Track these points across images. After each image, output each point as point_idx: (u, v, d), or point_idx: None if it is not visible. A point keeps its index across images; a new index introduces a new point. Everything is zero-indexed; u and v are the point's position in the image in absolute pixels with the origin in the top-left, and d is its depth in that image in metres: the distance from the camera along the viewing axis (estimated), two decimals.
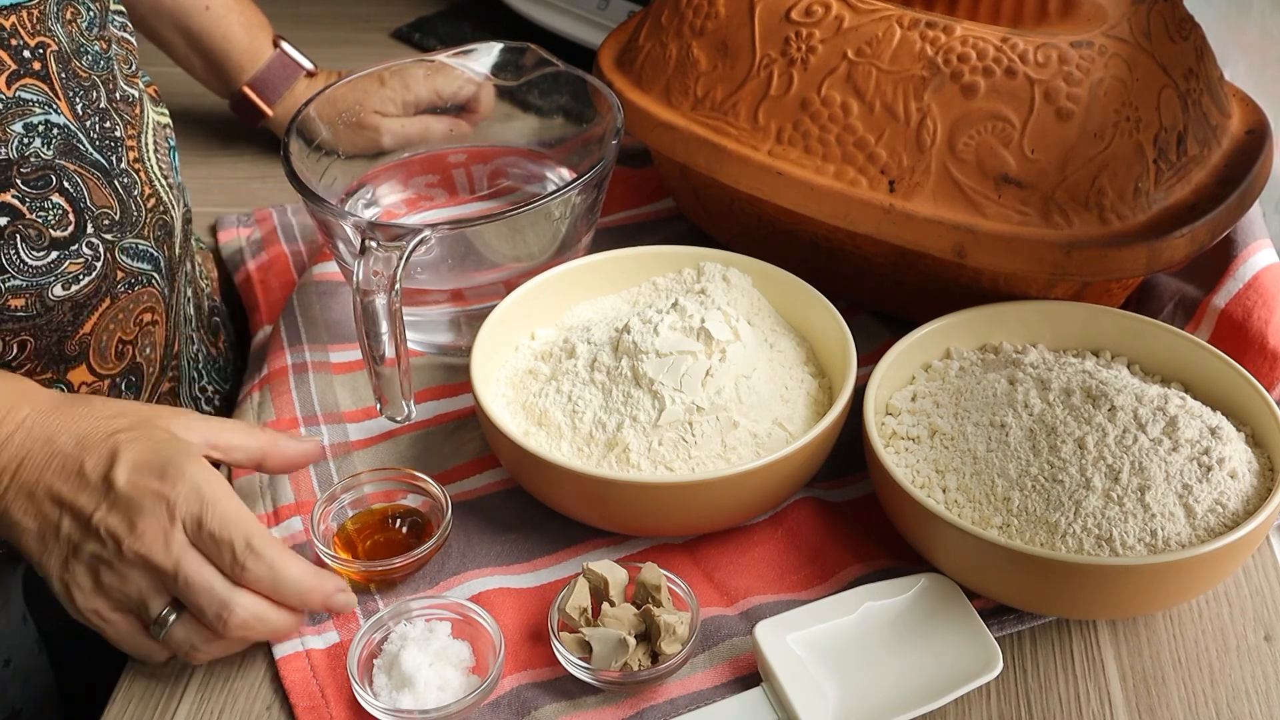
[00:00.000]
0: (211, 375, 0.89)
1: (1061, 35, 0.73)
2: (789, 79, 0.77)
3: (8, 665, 0.79)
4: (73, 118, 0.70)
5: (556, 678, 0.65)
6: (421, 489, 0.72)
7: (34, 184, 0.68)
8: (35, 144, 0.68)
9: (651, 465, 0.68)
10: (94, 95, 0.72)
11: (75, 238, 0.71)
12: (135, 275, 0.75)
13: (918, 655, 0.63)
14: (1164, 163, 0.72)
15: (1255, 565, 0.70)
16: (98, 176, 0.72)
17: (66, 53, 0.70)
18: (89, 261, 0.71)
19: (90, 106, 0.72)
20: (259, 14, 1.03)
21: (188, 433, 0.65)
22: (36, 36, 0.68)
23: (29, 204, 0.68)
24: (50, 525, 0.62)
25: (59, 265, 0.70)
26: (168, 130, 0.80)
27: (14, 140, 0.67)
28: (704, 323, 0.70)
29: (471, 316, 0.81)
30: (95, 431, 0.64)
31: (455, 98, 0.93)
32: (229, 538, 0.61)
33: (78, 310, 0.72)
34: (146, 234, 0.76)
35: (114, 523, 0.61)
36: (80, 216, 0.71)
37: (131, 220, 0.74)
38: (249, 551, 0.61)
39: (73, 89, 0.71)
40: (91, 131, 0.72)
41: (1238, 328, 0.75)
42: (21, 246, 0.68)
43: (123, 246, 0.74)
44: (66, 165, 0.70)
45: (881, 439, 0.68)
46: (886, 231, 0.74)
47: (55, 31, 0.70)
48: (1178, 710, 0.63)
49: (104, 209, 0.72)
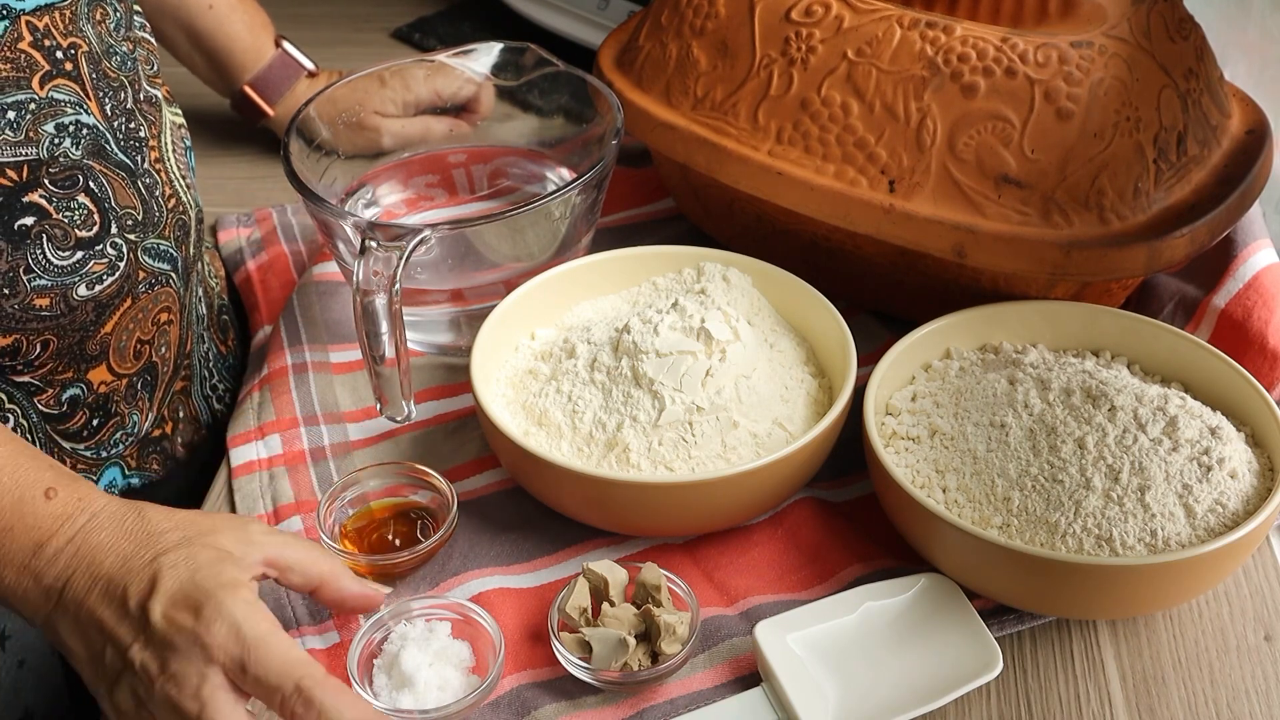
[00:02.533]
0: (222, 373, 0.90)
1: (1061, 35, 0.73)
2: (789, 79, 0.77)
3: (21, 665, 0.80)
4: (102, 118, 0.71)
5: (556, 678, 0.65)
6: (428, 484, 0.72)
7: (61, 184, 0.69)
8: (65, 144, 0.68)
9: (651, 465, 0.68)
10: (121, 96, 0.73)
11: (100, 238, 0.71)
12: (155, 275, 0.76)
13: (918, 655, 0.63)
14: (1164, 163, 0.72)
15: (1255, 565, 0.70)
16: (123, 177, 0.72)
17: (97, 53, 0.71)
18: (112, 261, 0.72)
19: (118, 107, 0.72)
20: (262, 13, 1.03)
21: (247, 548, 0.61)
22: (69, 37, 0.69)
23: (56, 204, 0.69)
24: (96, 652, 0.59)
25: (84, 265, 0.71)
26: (183, 130, 0.81)
27: (45, 140, 0.67)
28: (704, 323, 0.70)
29: (471, 316, 0.81)
30: (140, 554, 0.60)
31: (455, 98, 0.93)
32: (276, 684, 0.57)
33: (100, 310, 0.72)
34: (167, 234, 0.76)
35: (147, 660, 0.58)
36: (105, 217, 0.71)
37: (153, 220, 0.75)
38: (298, 696, 0.57)
39: (103, 89, 0.71)
40: (118, 132, 0.72)
41: (1238, 328, 0.75)
42: (48, 246, 0.69)
43: (144, 247, 0.74)
44: (93, 166, 0.70)
45: (881, 439, 0.68)
46: (886, 231, 0.74)
47: (86, 32, 0.70)
48: (1178, 710, 0.63)
49: (128, 209, 0.73)
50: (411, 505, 0.72)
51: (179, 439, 0.84)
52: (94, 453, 0.77)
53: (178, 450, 0.84)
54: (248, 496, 0.75)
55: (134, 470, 0.80)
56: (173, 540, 0.60)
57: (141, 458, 0.81)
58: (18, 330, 0.70)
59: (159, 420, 0.81)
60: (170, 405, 0.82)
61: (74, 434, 0.76)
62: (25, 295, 0.69)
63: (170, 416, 0.82)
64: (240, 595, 0.58)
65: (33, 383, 0.72)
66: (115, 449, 0.78)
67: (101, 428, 0.77)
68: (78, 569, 0.60)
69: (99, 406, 0.76)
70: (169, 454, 0.83)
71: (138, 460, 0.80)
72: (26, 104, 0.67)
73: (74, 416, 0.75)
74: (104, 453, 0.78)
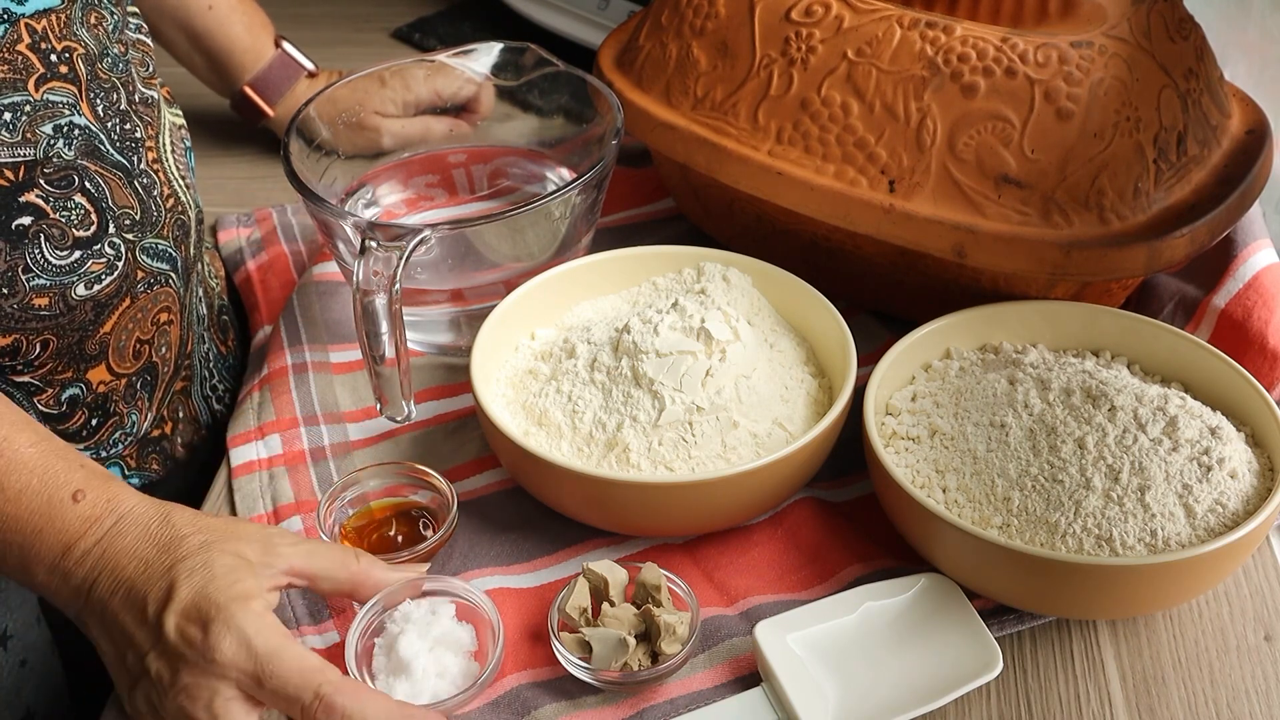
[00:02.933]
0: (222, 374, 0.90)
1: (1061, 35, 0.73)
2: (789, 79, 0.77)
3: (23, 665, 0.80)
4: (94, 119, 0.71)
5: (556, 678, 0.65)
6: (428, 484, 0.72)
7: (57, 184, 0.69)
8: (59, 145, 0.69)
9: (651, 465, 0.68)
10: (114, 97, 0.73)
11: (98, 237, 0.71)
12: (154, 275, 0.76)
13: (918, 655, 0.63)
14: (1164, 163, 0.72)
15: (1255, 565, 0.70)
16: (119, 177, 0.72)
17: (92, 55, 0.71)
18: (111, 261, 0.72)
19: (111, 108, 0.72)
20: (261, 14, 1.03)
21: (270, 558, 0.61)
22: (64, 41, 0.69)
23: (52, 203, 0.69)
24: (120, 653, 0.60)
25: (82, 265, 0.71)
26: (183, 131, 0.81)
27: (42, 141, 0.68)
28: (704, 323, 0.70)
29: (471, 316, 0.81)
30: (160, 559, 0.60)
31: (455, 98, 0.93)
32: (295, 695, 0.57)
33: (99, 310, 0.72)
34: (166, 234, 0.76)
35: (162, 669, 0.58)
36: (102, 216, 0.71)
37: (151, 220, 0.75)
38: (319, 704, 0.57)
39: (94, 91, 0.71)
40: (112, 133, 0.72)
41: (1238, 328, 0.75)
42: (46, 246, 0.69)
43: (143, 246, 0.74)
44: (88, 166, 0.70)
45: (881, 439, 0.68)
46: (886, 231, 0.74)
47: (81, 36, 0.71)
48: (1178, 710, 0.63)
49: (125, 209, 0.73)
50: (411, 505, 0.72)
51: (179, 439, 0.84)
52: (93, 453, 0.77)
53: (177, 450, 0.84)
54: (247, 497, 0.75)
55: (133, 470, 0.80)
56: (193, 545, 0.61)
57: (141, 458, 0.81)
58: (17, 330, 0.70)
59: (159, 420, 0.81)
60: (170, 405, 0.82)
61: (73, 434, 0.76)
62: (24, 295, 0.69)
63: (170, 416, 0.82)
64: (251, 608, 0.58)
65: (32, 383, 0.72)
66: (115, 449, 0.79)
67: (101, 428, 0.77)
68: (103, 572, 0.61)
69: (98, 406, 0.76)
70: (168, 454, 0.83)
71: (137, 460, 0.80)
72: (22, 105, 0.67)
73: (73, 416, 0.75)
74: (103, 453, 0.78)
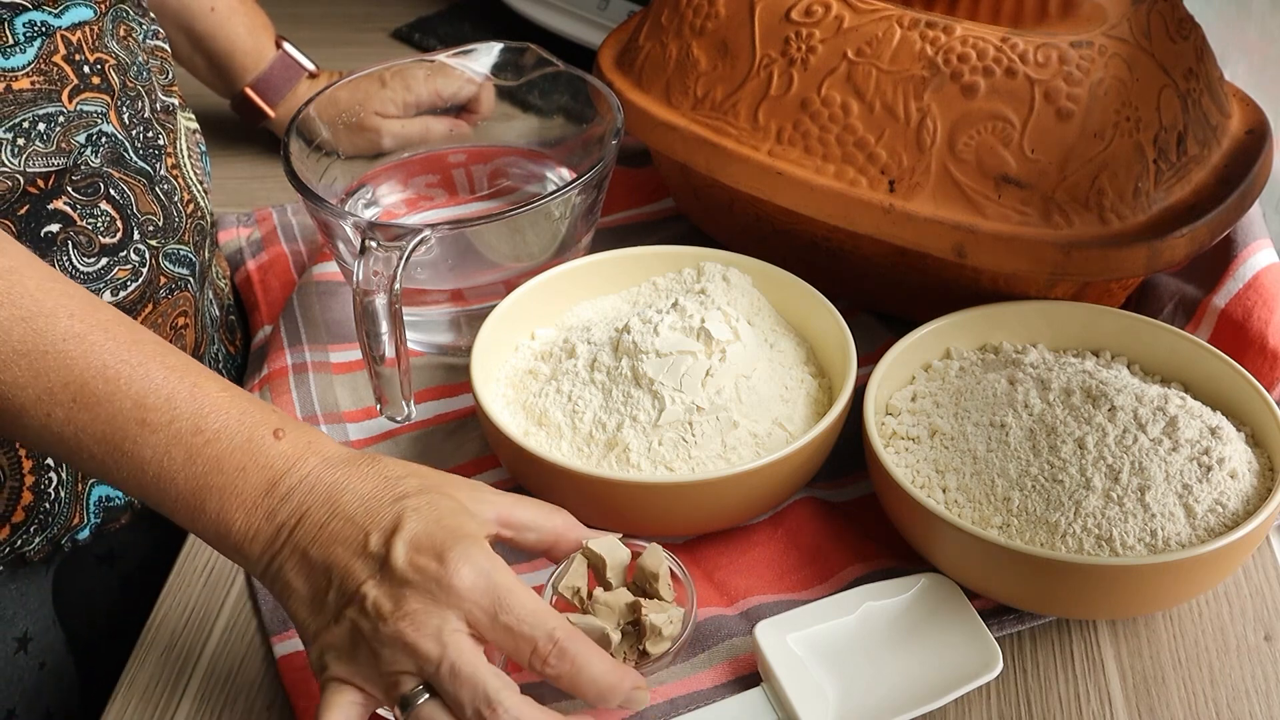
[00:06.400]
0: (230, 373, 0.90)
1: (1061, 35, 0.73)
2: (789, 79, 0.77)
3: (43, 668, 0.80)
4: (120, 127, 0.72)
5: None
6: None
7: (84, 191, 0.70)
8: (86, 152, 0.70)
9: (651, 465, 0.68)
10: (139, 105, 0.74)
11: (123, 244, 0.72)
12: (175, 280, 0.77)
13: (918, 655, 0.63)
14: (1164, 163, 0.72)
15: (1255, 565, 0.70)
16: (143, 184, 0.74)
17: (124, 65, 0.73)
18: (136, 268, 0.73)
19: (136, 116, 0.74)
20: (262, 15, 1.03)
21: (480, 506, 0.61)
22: (96, 53, 0.71)
23: (79, 210, 0.70)
24: (319, 589, 0.58)
25: (108, 271, 0.72)
26: (197, 136, 0.82)
27: (74, 150, 0.69)
28: (704, 323, 0.70)
29: (471, 316, 0.81)
30: (381, 495, 0.59)
31: (455, 98, 0.93)
32: (530, 633, 0.56)
33: None
34: (186, 239, 0.77)
35: (381, 597, 0.56)
36: (127, 223, 0.72)
37: (174, 226, 0.76)
38: (552, 646, 0.56)
39: (123, 99, 0.73)
40: (136, 140, 0.73)
41: (1238, 328, 0.75)
42: (73, 253, 0.70)
43: (166, 252, 0.75)
44: (113, 173, 0.71)
45: (881, 439, 0.68)
46: (886, 231, 0.74)
47: (111, 48, 0.72)
48: (1178, 710, 0.63)
49: (149, 215, 0.74)
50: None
51: None
52: None
53: None
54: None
55: None
56: (413, 486, 0.59)
57: None
58: None
59: None
60: None
61: None
62: None
63: None
64: (485, 546, 0.58)
65: None
66: None
67: None
68: (314, 505, 0.58)
69: None
70: None
71: None
72: (56, 116, 0.68)
73: None
74: None
